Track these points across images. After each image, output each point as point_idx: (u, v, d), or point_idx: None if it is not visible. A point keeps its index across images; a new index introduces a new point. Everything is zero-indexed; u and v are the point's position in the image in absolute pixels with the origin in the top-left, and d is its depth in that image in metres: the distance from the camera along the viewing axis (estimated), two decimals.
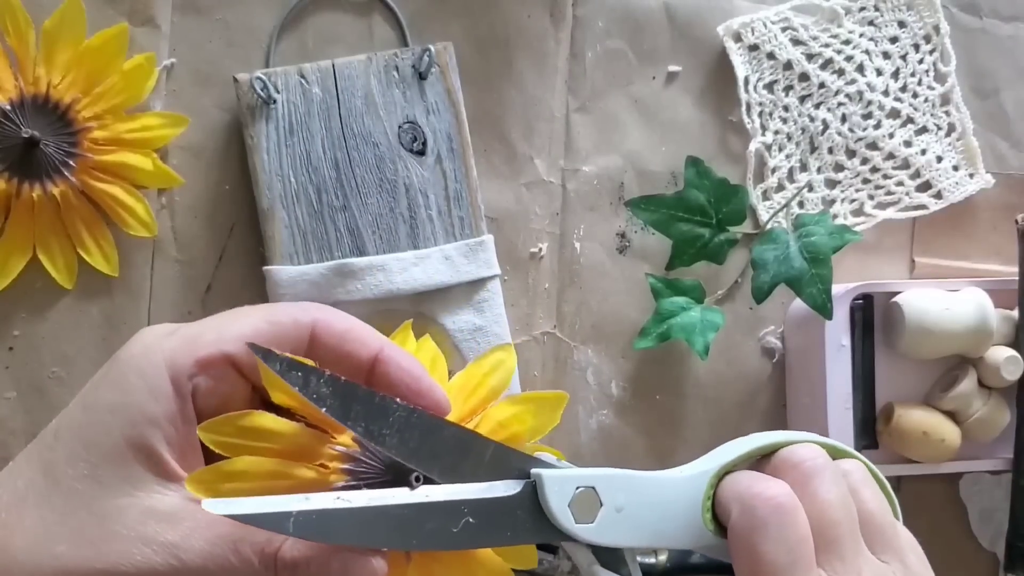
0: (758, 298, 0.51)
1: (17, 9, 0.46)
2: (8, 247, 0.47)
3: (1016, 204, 0.58)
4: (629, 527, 0.31)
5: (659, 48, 0.55)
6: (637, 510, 0.32)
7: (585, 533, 0.31)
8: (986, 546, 0.57)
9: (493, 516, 0.30)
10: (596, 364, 0.54)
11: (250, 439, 0.31)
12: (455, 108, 0.50)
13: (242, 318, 0.31)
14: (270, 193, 0.49)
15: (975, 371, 0.53)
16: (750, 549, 0.30)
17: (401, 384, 0.32)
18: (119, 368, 0.30)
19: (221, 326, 0.31)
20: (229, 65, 0.51)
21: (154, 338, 0.30)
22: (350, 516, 0.28)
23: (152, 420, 0.29)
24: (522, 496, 0.31)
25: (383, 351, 0.32)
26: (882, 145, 0.57)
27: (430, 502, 0.29)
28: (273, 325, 0.31)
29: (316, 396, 0.29)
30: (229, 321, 0.31)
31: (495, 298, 0.50)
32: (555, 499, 0.30)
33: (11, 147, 0.46)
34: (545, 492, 0.30)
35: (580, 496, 0.31)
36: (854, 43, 0.57)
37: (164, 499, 0.29)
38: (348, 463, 0.31)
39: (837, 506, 0.31)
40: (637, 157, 0.55)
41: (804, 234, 0.52)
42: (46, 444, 0.30)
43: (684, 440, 0.55)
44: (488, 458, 0.31)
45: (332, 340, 0.32)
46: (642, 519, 0.32)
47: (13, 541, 0.28)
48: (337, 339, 0.32)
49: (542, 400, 0.35)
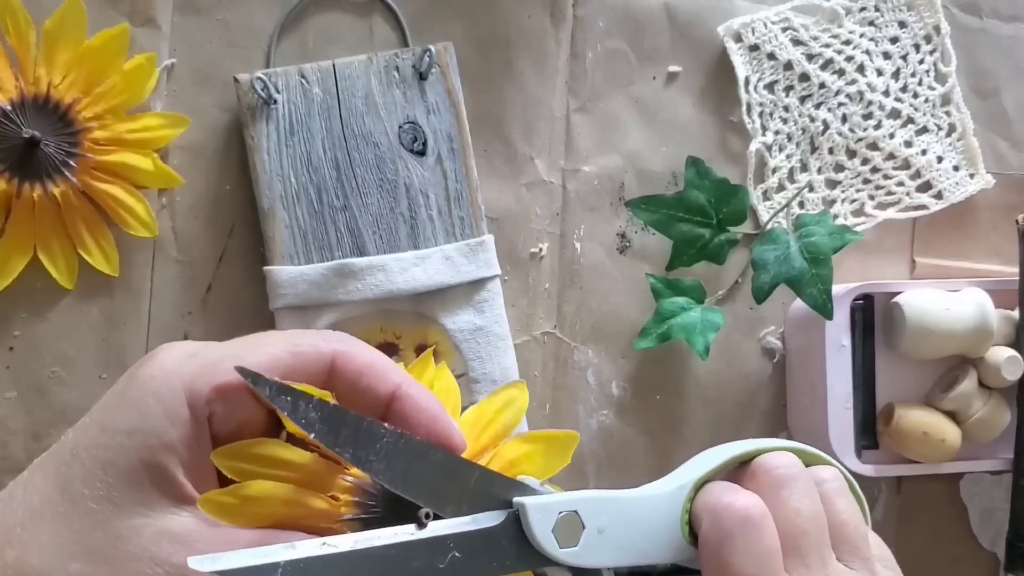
0: (758, 298, 0.51)
1: (18, 9, 0.46)
2: (9, 247, 0.47)
3: (1016, 204, 0.58)
4: (612, 547, 0.32)
5: (659, 48, 0.55)
6: (619, 530, 0.32)
7: (569, 557, 0.31)
8: (986, 546, 0.57)
9: (479, 548, 0.30)
10: (596, 364, 0.54)
11: (264, 467, 0.31)
12: (455, 108, 0.50)
13: (264, 345, 0.31)
14: (270, 193, 0.49)
15: (975, 371, 0.53)
16: (718, 560, 0.31)
17: (418, 423, 0.32)
18: (137, 389, 0.30)
19: (242, 353, 0.31)
20: (229, 65, 0.51)
21: (174, 361, 0.30)
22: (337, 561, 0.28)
23: (169, 445, 0.29)
24: (506, 525, 0.30)
25: (401, 388, 0.32)
26: (882, 145, 0.57)
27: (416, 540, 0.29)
28: (294, 355, 0.31)
29: (304, 421, 0.29)
30: (250, 348, 0.31)
31: (495, 298, 0.50)
32: (539, 526, 0.30)
33: (12, 147, 0.46)
34: (529, 521, 0.30)
35: (563, 520, 0.31)
36: (854, 43, 0.57)
37: (177, 521, 0.29)
38: (358, 495, 0.31)
39: (806, 515, 0.32)
40: (637, 157, 0.55)
41: (804, 234, 0.52)
42: (63, 460, 0.30)
43: (684, 440, 0.55)
44: (473, 483, 0.31)
45: (351, 373, 0.31)
46: (624, 538, 0.32)
47: (28, 558, 0.28)
48: (356, 373, 0.31)
49: (552, 439, 0.35)
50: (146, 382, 0.30)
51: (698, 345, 0.51)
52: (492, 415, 0.36)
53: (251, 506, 0.30)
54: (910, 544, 0.57)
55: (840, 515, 0.33)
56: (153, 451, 0.29)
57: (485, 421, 0.36)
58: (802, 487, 0.32)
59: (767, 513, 0.31)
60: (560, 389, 0.54)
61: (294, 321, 0.48)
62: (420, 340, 0.49)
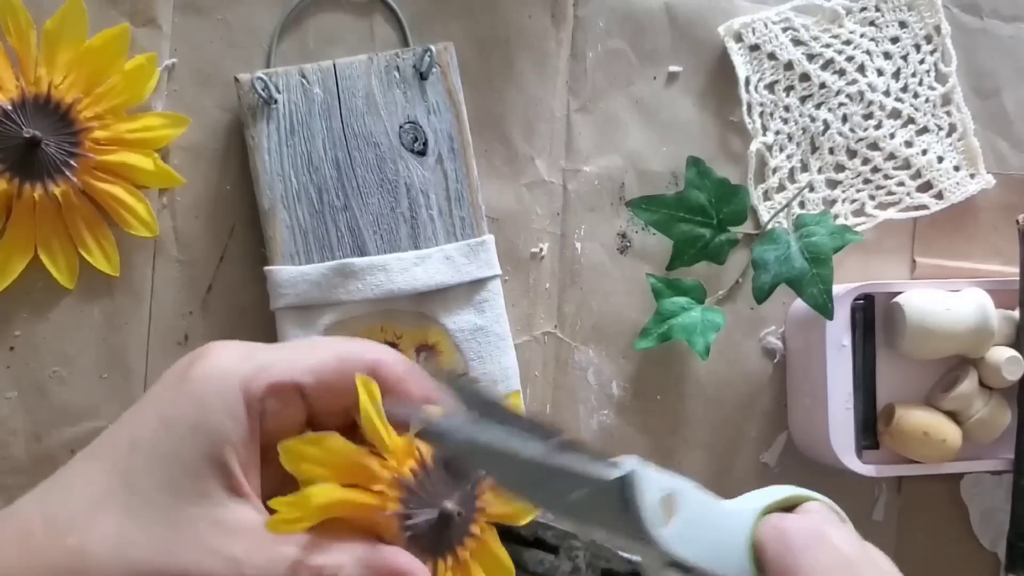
0: (759, 298, 0.51)
1: (18, 9, 0.46)
2: (9, 247, 0.47)
3: (1017, 204, 0.58)
4: (691, 543, 0.32)
5: (660, 48, 0.55)
6: (699, 529, 0.32)
7: (663, 537, 0.31)
8: (987, 546, 0.57)
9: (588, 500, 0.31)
10: (597, 364, 0.54)
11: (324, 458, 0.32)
12: (456, 108, 0.51)
13: (317, 350, 0.33)
14: (271, 193, 0.49)
15: (976, 371, 0.53)
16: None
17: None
18: (198, 386, 0.31)
19: (295, 356, 0.33)
20: (230, 65, 0.51)
21: (232, 360, 0.32)
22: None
23: (228, 439, 0.31)
24: (610, 489, 0.31)
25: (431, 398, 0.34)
26: (883, 145, 0.57)
27: (551, 465, 0.30)
28: (340, 361, 0.33)
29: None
30: (303, 351, 0.33)
31: (496, 298, 0.50)
32: (646, 497, 0.31)
33: (12, 147, 0.46)
34: (637, 489, 0.31)
35: (663, 500, 0.32)
36: (855, 43, 0.57)
37: (232, 513, 0.31)
38: (403, 492, 0.33)
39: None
40: (638, 157, 0.55)
41: (805, 234, 0.52)
42: (121, 454, 0.31)
43: (684, 440, 0.55)
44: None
45: (392, 379, 0.33)
46: (701, 538, 0.33)
47: (90, 545, 0.29)
48: (394, 381, 0.33)
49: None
50: (205, 380, 0.32)
51: (698, 345, 0.51)
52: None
53: (312, 508, 0.32)
54: (911, 544, 0.57)
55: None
56: (215, 444, 0.31)
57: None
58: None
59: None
60: (560, 389, 0.54)
61: (295, 321, 0.48)
62: (421, 340, 0.49)
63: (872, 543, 0.35)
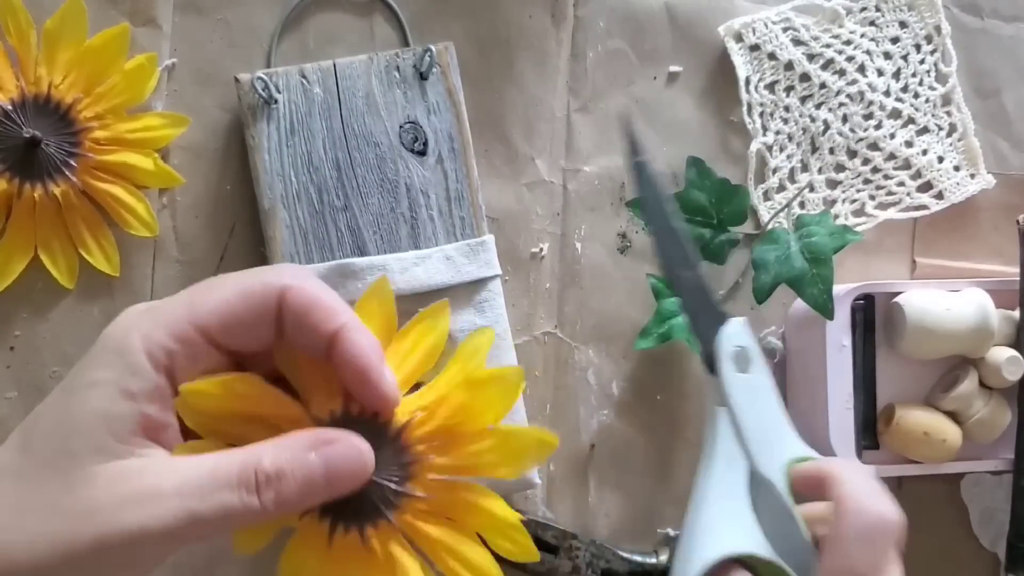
0: (759, 298, 0.51)
1: (19, 9, 0.46)
2: (9, 247, 0.47)
3: (1017, 204, 0.58)
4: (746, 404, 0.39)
5: (660, 48, 0.55)
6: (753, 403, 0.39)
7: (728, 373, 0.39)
8: (987, 546, 0.57)
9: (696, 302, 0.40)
10: (597, 364, 0.54)
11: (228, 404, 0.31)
12: (456, 108, 0.51)
13: (215, 290, 0.31)
14: (271, 193, 0.49)
15: (976, 371, 0.53)
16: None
17: (350, 369, 0.31)
18: (99, 347, 0.30)
19: (194, 300, 0.31)
20: (230, 65, 0.51)
21: (133, 317, 0.31)
22: None
23: (129, 394, 0.29)
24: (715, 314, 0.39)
25: (342, 331, 0.31)
26: (883, 145, 0.57)
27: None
28: (244, 296, 0.31)
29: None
30: (202, 294, 0.31)
31: (496, 298, 0.50)
32: (731, 340, 0.39)
33: (12, 147, 0.46)
34: (733, 327, 0.39)
35: (742, 352, 0.39)
36: (855, 43, 0.57)
37: (137, 462, 0.29)
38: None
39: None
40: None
41: (805, 234, 0.52)
42: (27, 425, 0.30)
43: (685, 440, 0.55)
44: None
45: (297, 310, 0.31)
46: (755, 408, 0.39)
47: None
48: (302, 309, 0.31)
49: (498, 378, 0.34)
50: (106, 341, 0.30)
51: (698, 345, 0.51)
52: (411, 345, 0.35)
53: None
54: (911, 544, 0.56)
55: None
56: (112, 400, 0.29)
57: (403, 352, 0.34)
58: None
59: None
60: (561, 389, 0.54)
61: None
62: None
63: None
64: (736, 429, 0.39)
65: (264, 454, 0.29)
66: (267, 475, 0.29)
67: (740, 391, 0.39)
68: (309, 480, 0.29)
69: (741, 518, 0.36)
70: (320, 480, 0.30)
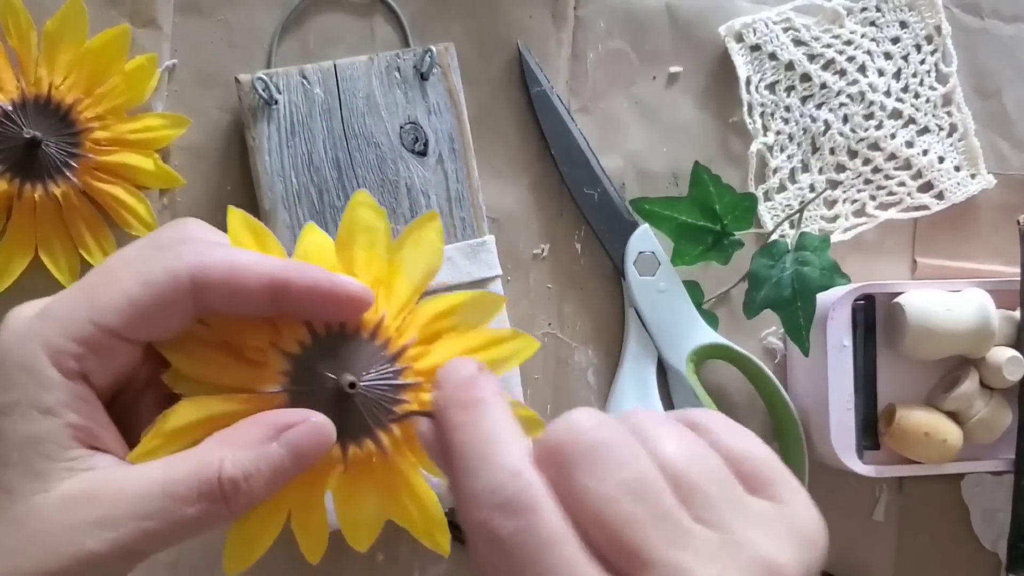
0: (749, 314, 0.51)
1: (19, 10, 0.46)
2: (10, 248, 0.47)
3: (1018, 204, 0.58)
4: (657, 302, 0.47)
5: (660, 49, 0.55)
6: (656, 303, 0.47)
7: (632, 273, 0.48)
8: (988, 547, 0.57)
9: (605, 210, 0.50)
10: (597, 364, 0.54)
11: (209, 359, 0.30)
12: (457, 109, 0.51)
13: (113, 282, 0.28)
14: (272, 194, 0.49)
15: (977, 372, 0.53)
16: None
17: (307, 300, 0.29)
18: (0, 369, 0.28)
19: (92, 296, 0.28)
20: (231, 66, 0.51)
21: (23, 324, 0.28)
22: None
23: (47, 410, 0.27)
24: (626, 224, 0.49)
25: (274, 280, 0.29)
26: (884, 146, 0.57)
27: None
28: (146, 286, 0.28)
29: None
30: (100, 289, 0.28)
31: None
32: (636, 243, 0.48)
33: (13, 148, 0.46)
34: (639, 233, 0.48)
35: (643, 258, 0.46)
36: (856, 44, 0.57)
37: (77, 482, 0.27)
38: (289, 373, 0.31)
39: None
40: (638, 157, 0.55)
41: (800, 260, 0.50)
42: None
43: None
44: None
45: (215, 286, 0.29)
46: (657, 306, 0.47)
47: None
48: (220, 283, 0.29)
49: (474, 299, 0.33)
50: (6, 357, 0.28)
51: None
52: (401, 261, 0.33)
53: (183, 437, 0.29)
54: (911, 545, 0.57)
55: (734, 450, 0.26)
56: (32, 421, 0.27)
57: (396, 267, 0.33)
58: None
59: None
60: (560, 389, 0.53)
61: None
62: None
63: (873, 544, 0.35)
64: (644, 325, 0.45)
65: (224, 459, 0.28)
66: (234, 482, 0.27)
67: (645, 292, 0.46)
68: (278, 471, 0.28)
69: (649, 402, 0.44)
70: (289, 466, 0.28)
